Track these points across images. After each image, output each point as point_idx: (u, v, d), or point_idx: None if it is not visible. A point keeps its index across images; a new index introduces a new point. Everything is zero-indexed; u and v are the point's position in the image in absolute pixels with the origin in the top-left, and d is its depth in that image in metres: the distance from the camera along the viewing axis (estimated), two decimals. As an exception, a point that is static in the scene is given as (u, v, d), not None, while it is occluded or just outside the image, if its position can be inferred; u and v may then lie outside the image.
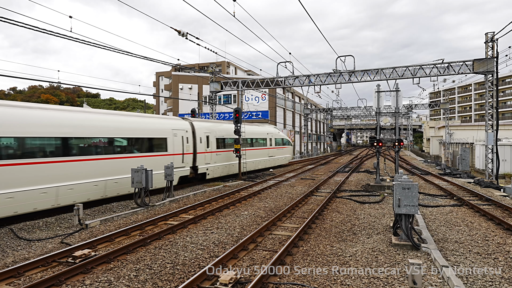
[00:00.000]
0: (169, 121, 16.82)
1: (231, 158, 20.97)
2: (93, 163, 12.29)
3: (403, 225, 8.12)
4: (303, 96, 57.90)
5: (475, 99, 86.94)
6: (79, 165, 11.73)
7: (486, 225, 10.31)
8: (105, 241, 8.57)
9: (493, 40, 20.39)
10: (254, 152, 24.61)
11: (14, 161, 9.93)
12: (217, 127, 20.54)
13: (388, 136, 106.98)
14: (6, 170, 9.70)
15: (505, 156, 26.17)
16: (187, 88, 51.19)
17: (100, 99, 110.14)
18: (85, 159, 11.98)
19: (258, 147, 25.41)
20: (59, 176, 11.05)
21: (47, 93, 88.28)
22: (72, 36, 12.91)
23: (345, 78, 23.42)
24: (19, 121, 10.25)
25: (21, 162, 10.09)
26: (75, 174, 11.56)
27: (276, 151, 28.39)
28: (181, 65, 25.94)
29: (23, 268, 6.67)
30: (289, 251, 7.72)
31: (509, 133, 36.40)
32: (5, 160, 9.71)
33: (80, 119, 12.29)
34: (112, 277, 6.42)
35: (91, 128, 12.47)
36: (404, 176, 8.46)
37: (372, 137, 18.73)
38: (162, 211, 12.22)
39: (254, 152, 24.51)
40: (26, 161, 10.20)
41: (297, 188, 17.52)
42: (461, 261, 7.25)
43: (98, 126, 12.80)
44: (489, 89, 21.46)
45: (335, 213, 11.75)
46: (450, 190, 16.51)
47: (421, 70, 21.80)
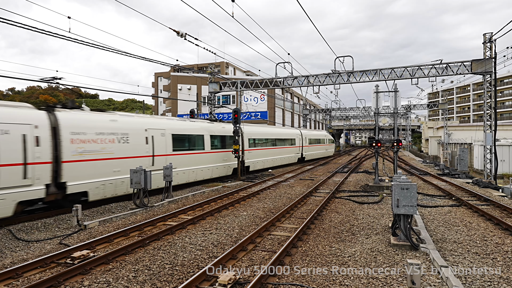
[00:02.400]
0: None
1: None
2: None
3: (401, 225, 8.13)
4: (302, 97, 57.98)
5: (473, 99, 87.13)
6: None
7: (484, 225, 10.33)
8: (103, 242, 8.56)
9: (491, 41, 20.44)
10: (318, 147, 39.93)
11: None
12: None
13: (386, 137, 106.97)
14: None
15: (503, 157, 26.25)
16: (186, 88, 51.19)
17: (99, 100, 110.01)
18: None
19: (319, 144, 40.64)
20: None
21: (46, 94, 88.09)
22: (70, 37, 12.90)
23: (344, 78, 23.44)
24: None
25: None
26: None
27: (328, 147, 44.65)
28: (180, 66, 25.92)
29: (22, 269, 6.65)
30: (288, 251, 7.72)
31: (507, 134, 36.51)
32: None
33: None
34: (111, 278, 6.41)
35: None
36: (403, 177, 8.48)
37: (371, 137, 18.73)
38: (161, 211, 12.20)
39: (317, 147, 39.82)
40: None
41: (296, 189, 17.52)
42: (460, 261, 7.26)
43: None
44: (487, 90, 21.50)
45: (334, 214, 11.76)
46: (448, 190, 16.54)
47: (419, 70, 21.83)
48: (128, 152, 13.61)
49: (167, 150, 15.81)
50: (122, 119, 14.14)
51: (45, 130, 10.81)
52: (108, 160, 12.81)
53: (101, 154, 12.55)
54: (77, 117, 12.30)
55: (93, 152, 12.29)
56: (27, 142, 10.29)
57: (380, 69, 22.64)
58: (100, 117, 13.23)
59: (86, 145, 12.04)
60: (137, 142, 14.14)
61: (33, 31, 11.67)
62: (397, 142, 17.35)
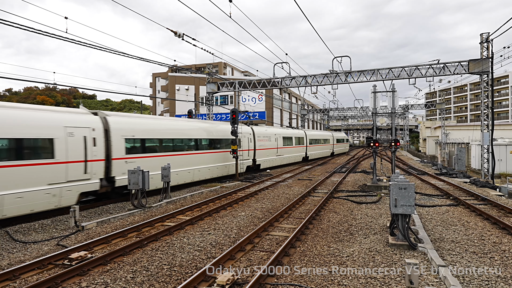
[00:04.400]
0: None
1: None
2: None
3: (399, 225, 8.14)
4: (300, 97, 57.99)
5: (470, 99, 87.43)
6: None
7: (482, 224, 10.37)
8: (101, 243, 8.53)
9: (488, 41, 20.52)
10: (339, 145, 51.63)
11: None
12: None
13: (384, 137, 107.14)
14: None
15: (500, 156, 26.35)
16: (183, 89, 51.13)
17: (96, 100, 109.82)
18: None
19: (340, 143, 52.92)
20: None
21: (43, 95, 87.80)
22: (67, 37, 12.86)
23: (342, 78, 23.48)
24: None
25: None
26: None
27: (345, 144, 58.87)
28: (177, 66, 25.85)
29: (19, 270, 6.62)
30: (286, 251, 7.72)
31: (504, 133, 36.63)
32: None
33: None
34: (109, 279, 6.39)
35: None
36: (401, 176, 8.49)
37: (369, 137, 18.78)
38: (159, 212, 12.18)
39: (339, 145, 51.52)
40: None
41: (294, 189, 17.52)
42: (458, 261, 7.28)
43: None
44: (485, 90, 21.59)
45: (332, 214, 11.77)
46: (446, 190, 16.59)
47: (417, 70, 21.90)
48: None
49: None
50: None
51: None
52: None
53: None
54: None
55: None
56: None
57: (378, 69, 22.69)
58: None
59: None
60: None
61: (30, 32, 11.62)
62: (395, 142, 17.39)
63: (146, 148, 14.87)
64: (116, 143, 13.19)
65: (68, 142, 11.32)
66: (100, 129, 12.66)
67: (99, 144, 12.50)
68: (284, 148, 30.00)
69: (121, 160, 13.33)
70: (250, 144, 23.88)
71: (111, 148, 12.98)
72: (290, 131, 32.88)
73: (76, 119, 11.98)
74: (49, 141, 10.82)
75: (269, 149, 26.86)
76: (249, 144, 23.58)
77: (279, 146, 28.77)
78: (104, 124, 12.97)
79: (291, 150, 31.52)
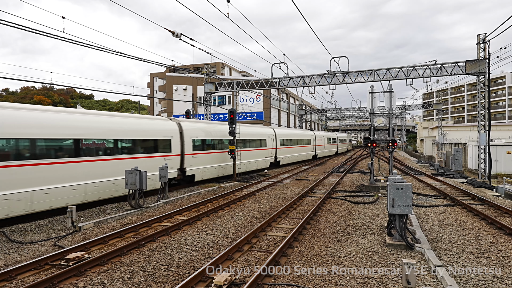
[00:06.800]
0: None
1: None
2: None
3: (397, 225, 8.16)
4: (297, 97, 58.03)
5: (467, 100, 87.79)
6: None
7: (479, 224, 10.41)
8: (98, 243, 8.50)
9: (485, 42, 20.62)
10: (342, 144, 58.94)
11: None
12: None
13: (382, 137, 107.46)
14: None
15: (497, 156, 26.48)
16: (181, 89, 51.04)
17: (93, 100, 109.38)
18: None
19: (343, 143, 59.75)
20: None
21: (40, 94, 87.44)
22: (64, 37, 12.81)
23: (339, 79, 23.52)
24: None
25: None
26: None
27: (347, 145, 65.02)
28: (175, 66, 25.82)
29: (15, 271, 6.59)
30: (284, 252, 7.72)
31: (501, 134, 36.80)
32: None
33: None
34: (106, 280, 6.37)
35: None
36: (398, 177, 8.51)
37: (366, 137, 18.86)
38: (156, 212, 12.15)
39: (342, 144, 58.79)
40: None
41: (292, 189, 17.53)
42: (455, 261, 7.31)
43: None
44: (481, 90, 21.68)
45: (329, 214, 11.78)
46: (443, 190, 16.65)
47: (414, 71, 21.97)
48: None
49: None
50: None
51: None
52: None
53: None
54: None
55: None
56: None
57: (375, 69, 22.75)
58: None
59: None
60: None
61: (26, 31, 11.57)
62: (392, 142, 17.44)
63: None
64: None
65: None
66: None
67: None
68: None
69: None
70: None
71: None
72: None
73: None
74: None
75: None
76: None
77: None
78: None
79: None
